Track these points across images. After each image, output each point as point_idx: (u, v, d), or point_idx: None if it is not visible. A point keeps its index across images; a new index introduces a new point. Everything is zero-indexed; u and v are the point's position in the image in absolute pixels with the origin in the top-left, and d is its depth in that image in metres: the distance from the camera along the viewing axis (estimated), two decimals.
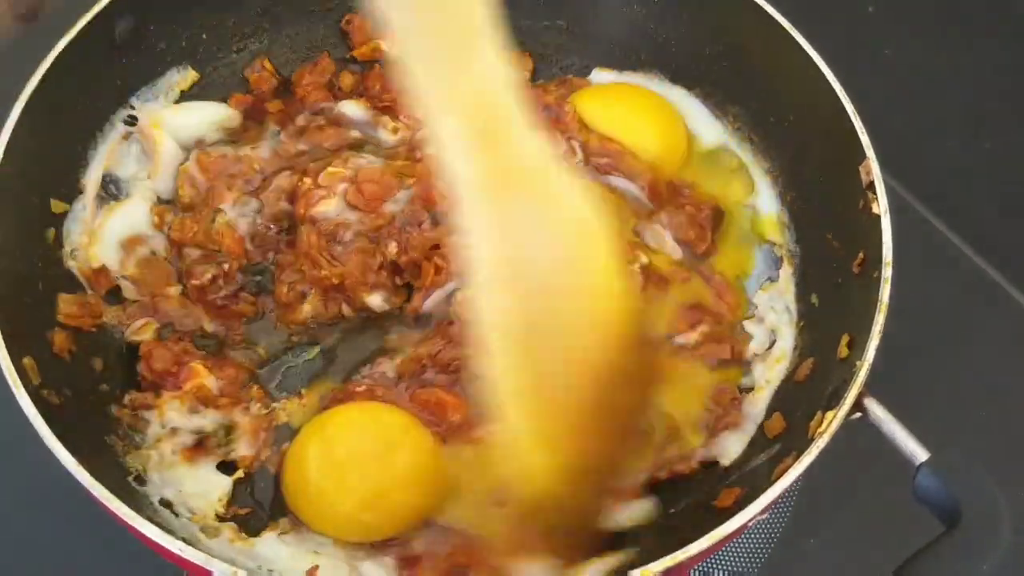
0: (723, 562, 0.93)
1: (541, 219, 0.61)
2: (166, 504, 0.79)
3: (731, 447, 0.85)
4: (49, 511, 0.92)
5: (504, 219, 0.60)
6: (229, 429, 0.86)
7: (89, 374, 0.84)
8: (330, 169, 0.92)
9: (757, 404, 0.87)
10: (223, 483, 0.83)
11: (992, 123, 1.21)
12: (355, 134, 0.98)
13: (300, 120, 0.99)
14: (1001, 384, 1.06)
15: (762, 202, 0.99)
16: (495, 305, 0.62)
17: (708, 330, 0.90)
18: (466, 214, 0.60)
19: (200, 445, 0.84)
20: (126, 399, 0.85)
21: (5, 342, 0.73)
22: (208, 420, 0.85)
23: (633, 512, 0.81)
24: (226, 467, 0.85)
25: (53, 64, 0.85)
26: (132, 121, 0.94)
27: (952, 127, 1.22)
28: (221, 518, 0.81)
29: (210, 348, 0.90)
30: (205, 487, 0.83)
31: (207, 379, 0.86)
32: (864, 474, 0.93)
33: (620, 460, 0.73)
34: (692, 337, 0.90)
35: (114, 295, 0.90)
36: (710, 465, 0.85)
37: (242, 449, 0.85)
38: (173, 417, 0.84)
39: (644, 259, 0.91)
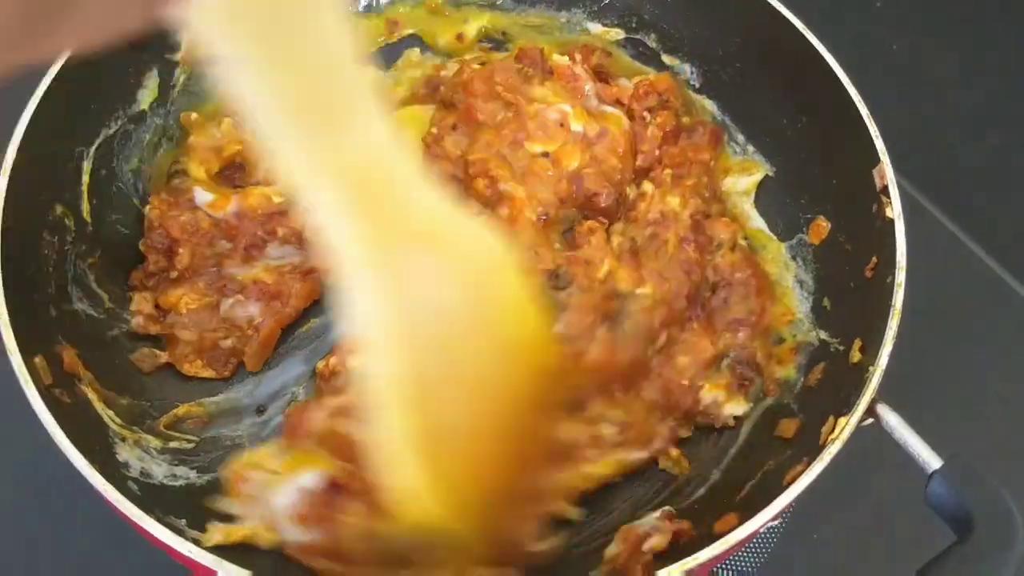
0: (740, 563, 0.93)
1: (441, 269, 0.59)
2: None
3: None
4: (50, 506, 0.93)
5: (400, 277, 0.58)
6: None
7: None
8: None
9: None
10: None
11: (1002, 121, 1.20)
12: None
13: None
14: (1016, 391, 1.04)
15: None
16: (391, 368, 0.58)
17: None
18: (353, 280, 0.57)
19: None
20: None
21: (17, 340, 0.72)
22: None
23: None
24: None
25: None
26: None
27: (961, 125, 1.21)
28: None
29: None
30: None
31: None
32: (875, 481, 0.92)
33: (539, 480, 0.72)
34: None
35: None
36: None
37: None
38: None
39: None
